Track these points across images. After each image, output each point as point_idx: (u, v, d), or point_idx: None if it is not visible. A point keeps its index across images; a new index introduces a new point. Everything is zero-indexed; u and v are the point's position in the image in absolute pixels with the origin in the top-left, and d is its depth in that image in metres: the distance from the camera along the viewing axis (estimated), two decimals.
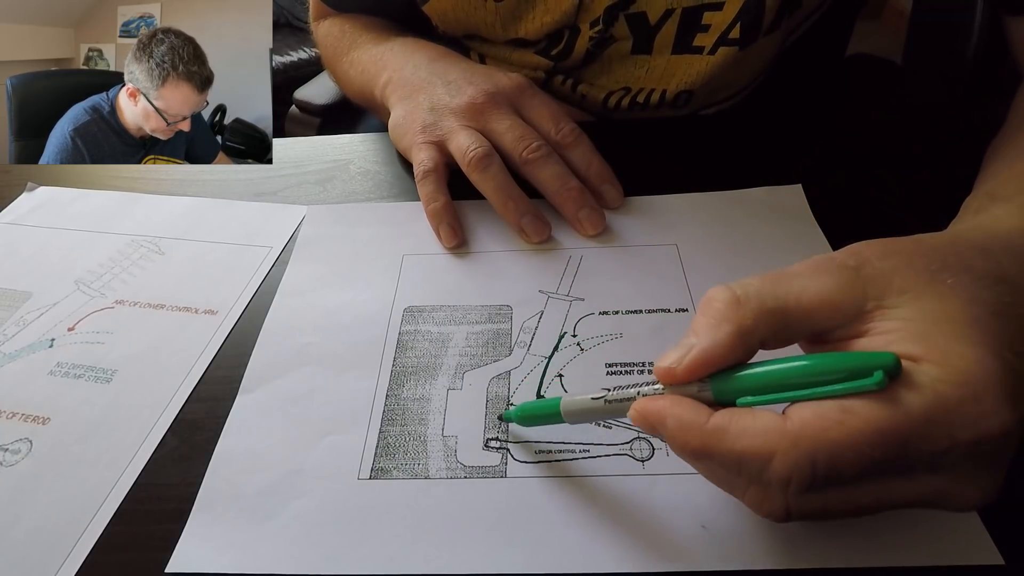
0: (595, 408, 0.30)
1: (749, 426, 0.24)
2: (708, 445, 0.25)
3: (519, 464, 0.33)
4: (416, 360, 0.39)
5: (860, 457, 0.23)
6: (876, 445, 0.23)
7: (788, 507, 0.25)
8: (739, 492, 0.26)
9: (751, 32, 0.54)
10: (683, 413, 0.26)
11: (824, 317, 0.26)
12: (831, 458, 0.23)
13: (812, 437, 0.23)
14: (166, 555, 0.31)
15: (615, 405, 0.29)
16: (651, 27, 0.55)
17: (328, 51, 0.67)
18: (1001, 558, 0.28)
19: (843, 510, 0.25)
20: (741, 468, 0.25)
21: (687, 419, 0.26)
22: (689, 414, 0.26)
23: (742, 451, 0.24)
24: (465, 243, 0.47)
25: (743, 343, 0.26)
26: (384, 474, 0.33)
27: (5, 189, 0.55)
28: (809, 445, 0.23)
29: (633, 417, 0.27)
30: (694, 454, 0.26)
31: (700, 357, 0.26)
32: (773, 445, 0.24)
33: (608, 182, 0.48)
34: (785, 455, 0.23)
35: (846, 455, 0.23)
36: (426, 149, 0.48)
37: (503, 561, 0.30)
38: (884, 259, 0.27)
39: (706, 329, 0.27)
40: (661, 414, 0.26)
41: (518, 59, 0.61)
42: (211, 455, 0.35)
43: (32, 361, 0.40)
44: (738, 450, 0.24)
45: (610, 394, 0.29)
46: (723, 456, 0.25)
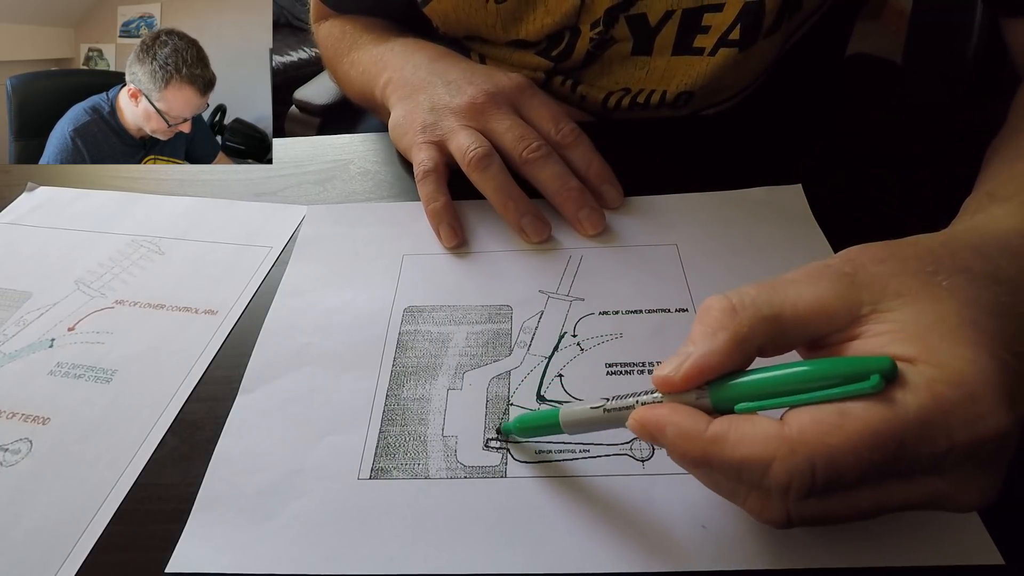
0: (594, 418, 0.30)
1: (748, 433, 0.24)
2: (708, 453, 0.25)
3: (519, 464, 0.33)
4: (416, 360, 0.39)
5: (859, 460, 0.23)
6: (874, 448, 0.23)
7: (788, 513, 0.25)
8: (739, 499, 0.26)
9: (751, 34, 0.54)
10: (682, 421, 0.26)
11: (820, 324, 0.27)
12: (830, 462, 0.23)
13: (810, 442, 0.23)
14: (166, 555, 0.31)
15: (614, 414, 0.29)
16: (651, 28, 0.55)
17: (329, 52, 0.67)
18: (1001, 558, 0.28)
19: (843, 515, 0.25)
20: (741, 475, 0.25)
21: (686, 427, 0.26)
22: (688, 422, 0.26)
23: (742, 458, 0.24)
24: (465, 243, 0.47)
25: (740, 350, 0.26)
26: (384, 474, 0.33)
27: (5, 189, 0.55)
28: (807, 450, 0.23)
29: (632, 427, 0.27)
30: (694, 462, 0.26)
31: (697, 364, 0.26)
32: (772, 451, 0.24)
33: (608, 182, 0.48)
34: (784, 461, 0.23)
35: (845, 459, 0.23)
36: (426, 149, 0.48)
37: (503, 561, 0.30)
38: (879, 263, 0.27)
39: (703, 337, 0.27)
40: (660, 423, 0.26)
41: (518, 60, 0.61)
42: (211, 455, 0.35)
43: (32, 361, 0.40)
44: (738, 457, 0.24)
45: (609, 403, 0.29)
46: (723, 464, 0.25)
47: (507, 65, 0.62)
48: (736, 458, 0.24)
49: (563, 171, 0.47)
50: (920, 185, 0.49)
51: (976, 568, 0.28)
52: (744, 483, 0.25)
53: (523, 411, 0.36)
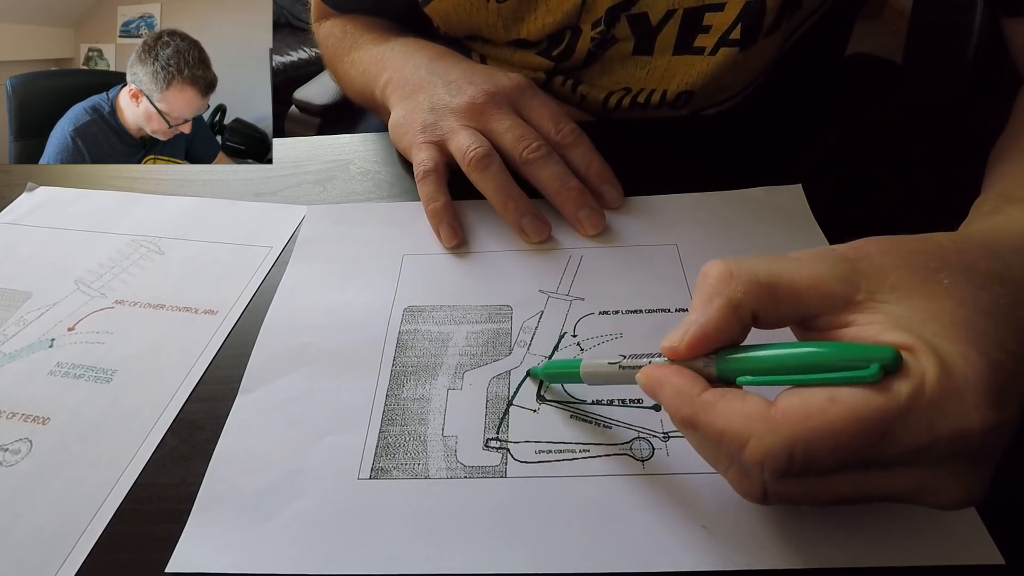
0: (610, 372, 0.32)
1: (735, 407, 0.25)
2: (695, 416, 0.26)
3: (519, 464, 0.33)
4: (416, 360, 0.39)
5: (838, 446, 0.23)
6: (856, 435, 0.23)
7: (765, 490, 0.26)
8: (722, 468, 0.27)
9: (751, 33, 0.54)
10: (680, 383, 0.27)
11: (813, 301, 0.27)
12: (808, 446, 0.24)
13: (792, 424, 0.24)
14: (166, 555, 0.31)
15: (627, 371, 0.31)
16: (652, 28, 0.55)
17: (329, 51, 0.67)
18: (1001, 558, 0.28)
19: (822, 498, 0.26)
20: (720, 446, 0.26)
21: (682, 388, 0.27)
22: (686, 385, 0.27)
23: (722, 429, 0.25)
24: (465, 243, 0.47)
25: (735, 316, 0.27)
26: (384, 474, 0.33)
27: (5, 189, 0.55)
28: (788, 432, 0.24)
29: (639, 380, 0.29)
30: (683, 422, 0.27)
31: (698, 333, 0.27)
32: (751, 429, 0.24)
33: (608, 182, 0.48)
34: (760, 440, 0.24)
35: (824, 444, 0.24)
36: (426, 149, 0.48)
37: (503, 561, 0.30)
38: (883, 255, 0.27)
39: (701, 305, 0.28)
40: (661, 380, 0.28)
41: (519, 60, 0.61)
42: (211, 455, 0.35)
43: (32, 361, 0.40)
44: (719, 427, 0.25)
45: (624, 360, 0.31)
46: (705, 429, 0.26)
47: (508, 65, 0.62)
48: (718, 427, 0.25)
49: (563, 171, 0.47)
50: (920, 185, 0.49)
51: (976, 568, 0.28)
52: (724, 454, 0.26)
53: (523, 411, 0.36)
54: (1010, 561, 0.28)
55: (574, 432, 0.35)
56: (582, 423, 0.35)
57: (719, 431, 0.25)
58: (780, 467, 0.24)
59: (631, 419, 0.35)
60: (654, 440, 0.34)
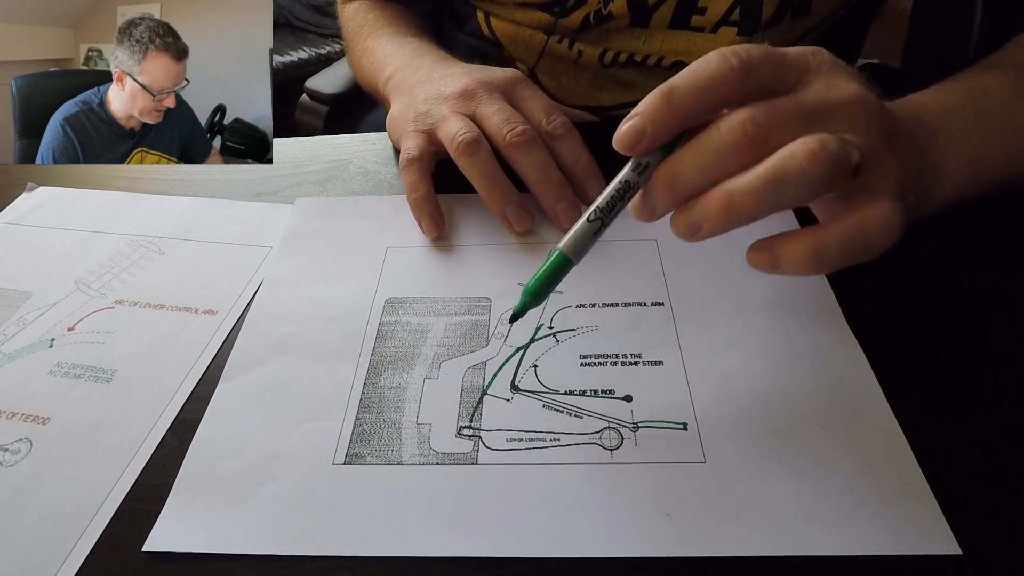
0: (592, 229, 0.33)
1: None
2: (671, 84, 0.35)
3: (490, 451, 0.34)
4: (395, 350, 0.40)
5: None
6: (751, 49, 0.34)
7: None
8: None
9: (752, 19, 0.56)
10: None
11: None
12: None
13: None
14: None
15: (598, 220, 0.33)
16: (648, 7, 0.57)
17: (349, 32, 0.69)
18: (959, 548, 0.29)
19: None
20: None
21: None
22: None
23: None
24: (447, 235, 0.47)
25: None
26: (358, 460, 0.34)
27: (5, 189, 0.55)
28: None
29: (623, 133, 0.34)
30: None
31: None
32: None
33: (593, 178, 0.47)
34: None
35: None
36: (414, 137, 0.48)
37: (471, 545, 0.30)
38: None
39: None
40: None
41: (521, 17, 0.62)
42: None
43: (32, 361, 0.40)
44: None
45: (592, 213, 0.33)
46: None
47: (510, 20, 0.63)
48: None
49: (546, 161, 0.46)
50: None
51: (934, 558, 0.29)
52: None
53: (497, 400, 0.36)
54: (967, 551, 0.29)
55: (546, 421, 0.35)
56: (554, 413, 0.36)
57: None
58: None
59: (602, 409, 0.36)
60: (623, 430, 0.34)
